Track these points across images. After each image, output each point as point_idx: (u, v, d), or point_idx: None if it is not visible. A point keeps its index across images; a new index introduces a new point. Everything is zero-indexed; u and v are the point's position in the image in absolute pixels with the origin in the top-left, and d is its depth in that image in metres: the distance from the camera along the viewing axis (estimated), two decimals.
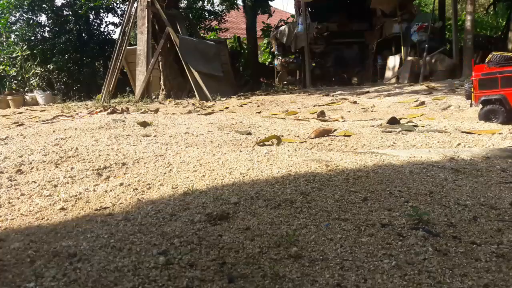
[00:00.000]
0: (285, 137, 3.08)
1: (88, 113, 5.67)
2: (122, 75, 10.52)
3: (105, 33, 14.01)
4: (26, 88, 11.79)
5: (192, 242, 1.23)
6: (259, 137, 3.04)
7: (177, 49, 8.60)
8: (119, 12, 13.95)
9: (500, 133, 2.82)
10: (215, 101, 7.64)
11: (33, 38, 12.63)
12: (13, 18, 12.60)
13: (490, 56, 3.55)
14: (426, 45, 9.08)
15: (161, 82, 9.32)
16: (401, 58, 10.02)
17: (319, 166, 1.94)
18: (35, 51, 12.23)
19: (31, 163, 2.25)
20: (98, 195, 1.74)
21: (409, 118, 3.81)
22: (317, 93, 7.71)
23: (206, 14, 14.76)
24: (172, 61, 9.20)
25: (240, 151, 2.37)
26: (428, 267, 1.07)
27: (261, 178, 1.82)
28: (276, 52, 12.64)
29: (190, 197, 1.63)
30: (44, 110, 7.71)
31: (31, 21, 12.64)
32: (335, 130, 3.16)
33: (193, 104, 7.30)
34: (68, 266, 1.09)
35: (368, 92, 7.27)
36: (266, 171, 1.92)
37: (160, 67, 9.27)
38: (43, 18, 13.14)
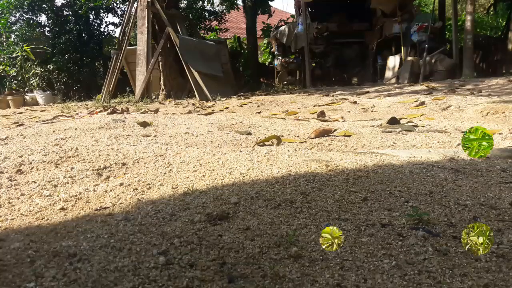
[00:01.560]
0: (285, 137, 3.08)
1: (88, 113, 5.67)
2: (122, 75, 10.53)
3: (105, 33, 14.04)
4: (26, 88, 11.80)
5: (192, 242, 1.23)
6: (259, 137, 3.04)
7: (177, 49, 8.60)
8: (119, 12, 13.99)
9: (500, 133, 2.81)
10: (215, 101, 7.64)
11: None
12: (13, 18, 12.63)
13: None
14: (426, 45, 9.10)
15: (161, 82, 9.32)
16: (401, 58, 10.03)
17: (319, 166, 1.94)
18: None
19: (31, 163, 2.25)
20: (98, 195, 1.74)
21: (409, 118, 3.81)
22: (317, 93, 7.71)
23: (206, 14, 14.79)
24: (172, 61, 9.20)
25: (240, 151, 2.37)
26: (428, 267, 1.07)
27: (261, 178, 1.82)
28: (276, 52, 12.66)
29: (190, 197, 1.63)
30: (44, 110, 7.71)
31: (31, 21, 12.66)
32: (335, 130, 3.16)
33: (193, 104, 7.30)
34: (68, 266, 1.09)
35: (368, 92, 7.28)
36: (266, 171, 1.92)
37: (160, 67, 9.27)
38: (43, 18, 13.17)
